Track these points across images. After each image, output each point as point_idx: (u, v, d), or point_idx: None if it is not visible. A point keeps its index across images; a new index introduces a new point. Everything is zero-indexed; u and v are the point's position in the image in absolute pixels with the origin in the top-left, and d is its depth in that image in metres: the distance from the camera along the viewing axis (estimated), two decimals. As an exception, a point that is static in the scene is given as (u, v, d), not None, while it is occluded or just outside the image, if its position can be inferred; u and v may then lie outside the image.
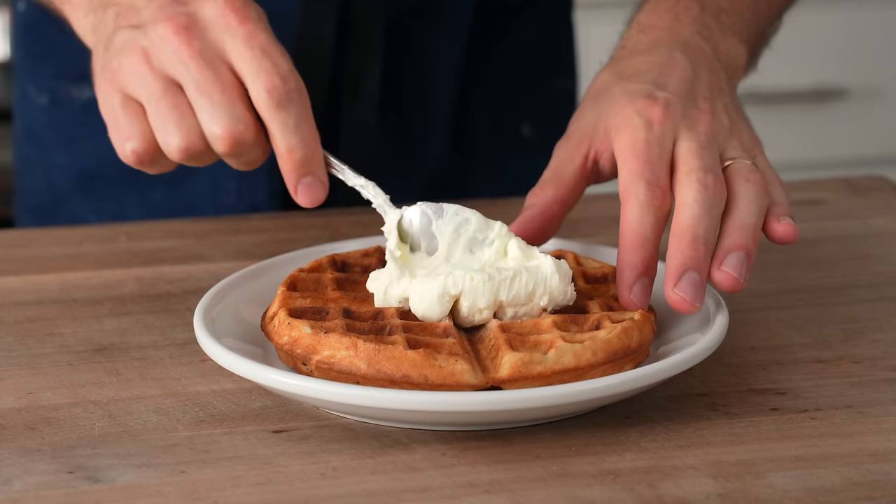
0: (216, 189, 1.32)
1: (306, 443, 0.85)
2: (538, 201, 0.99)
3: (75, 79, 1.32)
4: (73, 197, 1.34)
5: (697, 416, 0.88)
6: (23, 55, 1.35)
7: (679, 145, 0.95)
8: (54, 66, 1.33)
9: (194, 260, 1.14)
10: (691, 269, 0.89)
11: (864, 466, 0.83)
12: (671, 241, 0.91)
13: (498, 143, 1.40)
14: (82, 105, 1.33)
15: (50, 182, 1.35)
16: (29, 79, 1.35)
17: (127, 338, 1.00)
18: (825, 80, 2.58)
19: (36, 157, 1.36)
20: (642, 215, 0.92)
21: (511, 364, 0.86)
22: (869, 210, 1.26)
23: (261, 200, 1.31)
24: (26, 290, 1.09)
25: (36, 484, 0.81)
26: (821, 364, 0.96)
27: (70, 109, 1.33)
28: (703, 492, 0.80)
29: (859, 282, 1.10)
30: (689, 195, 0.92)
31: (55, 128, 1.34)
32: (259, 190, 1.31)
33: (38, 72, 1.34)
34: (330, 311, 0.92)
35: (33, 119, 1.35)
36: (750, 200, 0.93)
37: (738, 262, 0.91)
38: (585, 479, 0.81)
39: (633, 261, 0.91)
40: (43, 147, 1.35)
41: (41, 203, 1.36)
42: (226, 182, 1.32)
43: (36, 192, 1.36)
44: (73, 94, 1.32)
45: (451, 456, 0.84)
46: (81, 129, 1.33)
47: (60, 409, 0.90)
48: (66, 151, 1.34)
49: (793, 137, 2.59)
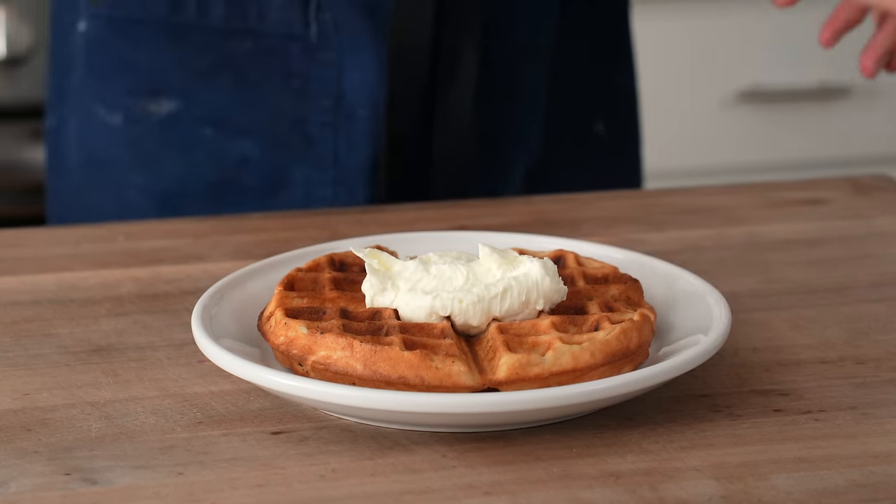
0: (311, 197, 1.28)
1: (305, 444, 0.85)
2: None
3: (152, 93, 1.28)
4: (152, 218, 1.28)
5: (700, 418, 0.88)
6: (86, 75, 1.30)
7: None
8: (129, 82, 1.29)
9: (192, 260, 1.14)
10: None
11: (868, 468, 0.82)
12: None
13: (576, 140, 1.37)
14: (160, 121, 1.29)
15: (124, 204, 1.31)
16: (97, 99, 1.30)
17: (124, 338, 1.00)
18: (829, 79, 2.58)
19: (106, 180, 1.31)
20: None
21: (508, 365, 0.85)
22: (873, 209, 1.26)
23: (359, 206, 1.27)
24: (23, 290, 1.08)
25: (32, 486, 0.81)
26: (824, 365, 0.95)
27: (148, 125, 1.29)
28: (705, 493, 0.80)
29: (863, 282, 1.10)
30: None
31: (131, 147, 1.29)
32: (357, 195, 1.27)
33: (109, 90, 1.29)
34: (327, 311, 0.92)
35: (103, 142, 1.30)
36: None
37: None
38: (587, 481, 0.81)
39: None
40: (115, 169, 1.30)
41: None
42: (321, 189, 1.28)
43: (105, 215, 1.30)
44: (151, 110, 1.28)
45: (451, 457, 0.84)
46: (161, 147, 1.29)
47: (57, 410, 0.90)
48: (145, 171, 1.30)
49: (796, 136, 2.59)
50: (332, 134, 1.27)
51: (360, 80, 1.25)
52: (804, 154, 2.60)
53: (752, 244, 1.18)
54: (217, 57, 1.26)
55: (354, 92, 1.26)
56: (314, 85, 1.26)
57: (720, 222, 1.22)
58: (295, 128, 1.27)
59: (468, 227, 1.19)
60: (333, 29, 1.25)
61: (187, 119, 1.28)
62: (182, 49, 1.27)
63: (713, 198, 1.29)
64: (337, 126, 1.26)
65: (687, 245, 1.17)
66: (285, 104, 1.27)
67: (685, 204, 1.28)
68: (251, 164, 1.28)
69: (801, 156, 2.59)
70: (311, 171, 1.22)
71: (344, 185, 1.28)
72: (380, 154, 1.27)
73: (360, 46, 1.25)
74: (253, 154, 1.28)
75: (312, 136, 1.27)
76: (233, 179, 1.29)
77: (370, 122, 1.26)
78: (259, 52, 1.22)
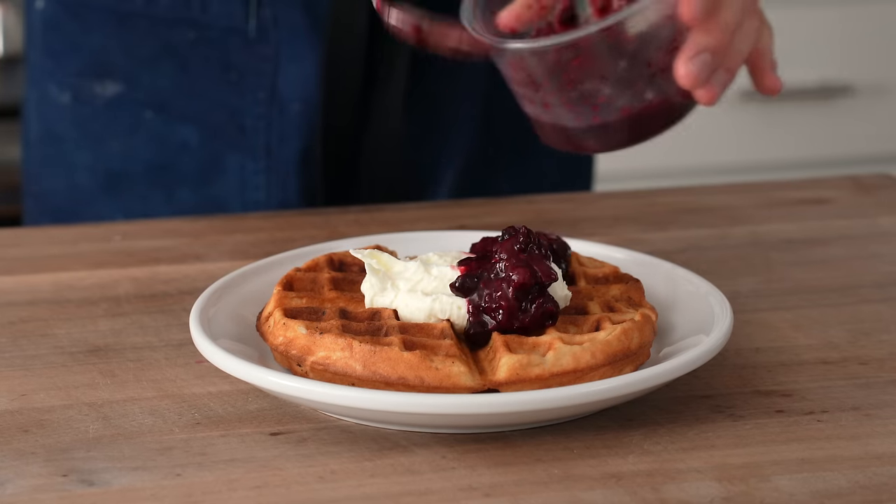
0: (244, 186, 1.31)
1: (304, 445, 0.85)
2: None
3: (99, 75, 1.32)
4: (97, 197, 1.33)
5: (701, 419, 0.88)
6: (42, 54, 1.35)
7: None
8: (78, 63, 1.33)
9: (190, 259, 1.14)
10: (710, 52, 0.93)
11: (872, 469, 0.82)
12: (700, 24, 0.93)
13: (523, 139, 1.38)
14: (106, 102, 1.32)
15: (72, 183, 1.34)
16: (49, 78, 1.34)
17: (122, 339, 1.00)
18: (831, 77, 2.57)
19: (57, 157, 1.35)
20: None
21: (509, 366, 0.85)
22: (876, 208, 1.26)
23: (291, 197, 1.30)
24: (19, 290, 1.08)
25: (29, 487, 0.81)
26: (827, 365, 0.95)
27: (94, 107, 1.33)
28: (707, 495, 0.79)
29: (866, 282, 1.10)
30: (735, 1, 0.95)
31: (79, 127, 1.33)
32: (289, 186, 1.30)
33: (60, 70, 1.33)
34: (326, 311, 0.91)
35: (54, 119, 1.34)
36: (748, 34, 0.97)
37: (703, 65, 0.94)
38: (587, 483, 0.81)
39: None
40: (65, 147, 1.34)
41: (62, 205, 1.35)
42: (254, 178, 1.31)
43: (56, 194, 1.35)
44: (97, 91, 1.32)
45: (451, 459, 0.83)
46: (106, 128, 1.32)
47: (54, 411, 0.89)
48: (91, 150, 1.33)
49: (799, 135, 2.59)
50: (265, 126, 1.30)
51: (295, 75, 1.28)
52: (807, 153, 2.60)
53: (754, 244, 1.18)
54: (161, 45, 1.29)
55: (289, 87, 1.28)
56: (250, 78, 1.29)
57: (722, 222, 1.22)
58: (231, 118, 1.30)
59: (468, 226, 1.19)
60: (272, 25, 1.28)
61: (130, 102, 1.31)
62: (128, 35, 1.30)
63: (715, 197, 1.29)
64: (270, 118, 1.29)
65: (689, 244, 1.17)
66: (223, 94, 1.30)
67: (687, 203, 1.28)
68: (190, 150, 1.31)
69: (803, 154, 2.59)
70: (245, 161, 1.24)
71: (276, 175, 1.31)
72: (313, 148, 1.30)
73: (298, 43, 1.28)
74: (191, 140, 1.31)
75: (247, 126, 1.30)
76: (172, 163, 1.31)
77: (303, 117, 1.29)
78: (201, 42, 1.24)
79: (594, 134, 0.99)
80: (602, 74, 0.95)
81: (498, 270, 0.88)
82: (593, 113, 0.97)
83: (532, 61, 0.96)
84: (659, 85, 0.97)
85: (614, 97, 0.96)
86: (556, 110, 0.98)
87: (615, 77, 0.96)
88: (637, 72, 0.96)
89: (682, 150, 2.56)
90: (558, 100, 0.97)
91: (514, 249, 0.89)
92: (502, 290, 0.88)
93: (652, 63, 0.96)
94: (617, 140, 0.99)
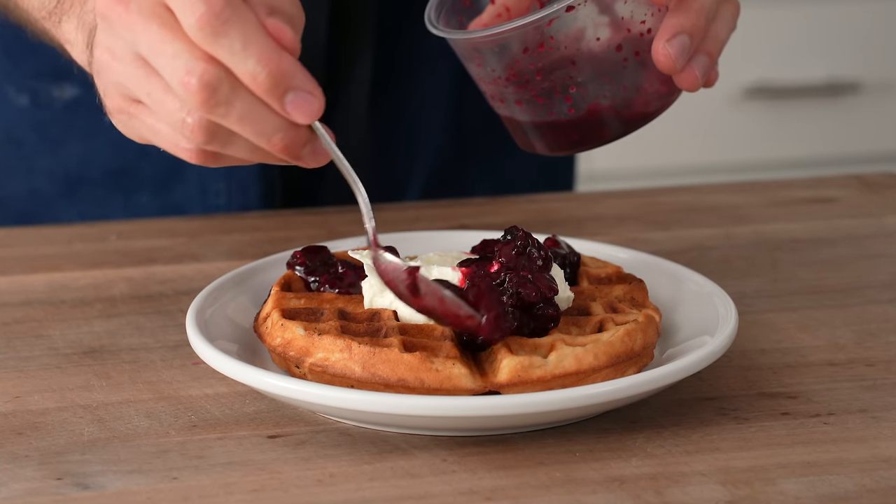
0: (205, 191, 1.31)
1: (302, 448, 0.85)
2: None
3: (57, 78, 1.31)
4: (57, 201, 1.33)
5: (706, 421, 0.88)
6: (0, 55, 1.34)
7: None
8: (35, 66, 1.32)
9: (186, 260, 1.14)
10: (688, 34, 0.93)
11: (879, 472, 0.82)
12: (676, 6, 0.93)
13: (493, 140, 1.39)
14: (65, 105, 1.31)
15: (32, 186, 1.34)
16: (7, 79, 1.33)
17: (117, 340, 0.99)
18: (838, 74, 2.57)
19: (16, 161, 1.34)
20: None
21: (510, 368, 0.85)
22: (882, 208, 1.26)
23: (252, 202, 1.30)
24: (12, 290, 1.08)
25: (23, 491, 0.80)
26: (833, 367, 0.95)
27: (52, 110, 1.32)
28: (711, 499, 0.79)
29: (872, 282, 1.09)
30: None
31: (37, 130, 1.33)
32: (250, 191, 1.30)
33: (18, 72, 1.33)
34: (325, 311, 0.91)
35: (12, 122, 1.34)
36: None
37: (682, 47, 0.93)
38: (590, 486, 0.80)
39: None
40: (24, 150, 1.33)
41: (23, 208, 1.35)
42: (215, 184, 1.31)
43: (17, 198, 1.35)
44: (55, 94, 1.31)
45: (451, 462, 0.83)
46: (65, 131, 1.32)
47: (48, 413, 0.89)
48: (50, 154, 1.33)
49: (804, 133, 2.59)
50: None
51: None
52: (812, 151, 2.60)
53: (759, 243, 1.17)
54: None
55: None
56: None
57: (727, 221, 1.22)
58: None
59: (469, 226, 1.19)
60: None
61: (89, 105, 1.30)
62: None
63: (719, 196, 1.29)
64: None
65: (693, 244, 1.17)
66: None
67: (691, 202, 1.28)
68: (149, 155, 1.30)
69: (808, 153, 2.59)
70: (205, 167, 1.23)
71: (236, 181, 1.30)
72: None
73: None
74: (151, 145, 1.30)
75: None
76: (132, 168, 1.30)
77: None
78: None
79: (572, 129, 0.97)
80: (571, 59, 0.94)
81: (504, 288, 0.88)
82: (567, 105, 0.96)
83: (498, 51, 0.95)
84: (634, 71, 0.96)
85: (587, 86, 0.95)
86: (529, 107, 0.97)
87: (584, 62, 0.94)
88: (607, 56, 0.95)
89: (686, 149, 2.56)
90: (529, 94, 0.96)
91: (513, 254, 0.89)
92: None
93: (622, 47, 0.95)
94: (597, 135, 0.98)
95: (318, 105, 0.83)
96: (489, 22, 1.02)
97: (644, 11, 0.94)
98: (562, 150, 1.00)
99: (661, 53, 0.93)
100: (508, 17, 1.02)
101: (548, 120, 0.97)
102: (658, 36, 0.93)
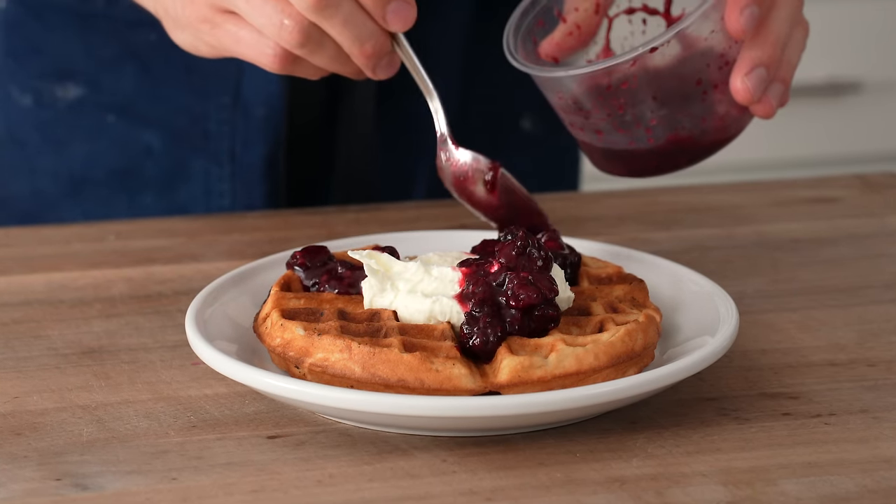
0: (209, 192, 1.31)
1: (302, 449, 0.84)
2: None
3: (60, 78, 1.31)
4: (61, 202, 1.33)
5: (707, 422, 0.87)
6: (3, 55, 1.34)
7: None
8: (39, 66, 1.32)
9: (186, 260, 1.14)
10: (765, 66, 0.96)
11: (880, 473, 0.82)
12: (752, 38, 0.96)
13: (497, 138, 1.39)
14: (68, 105, 1.32)
15: (36, 187, 1.34)
16: (11, 79, 1.33)
17: (116, 340, 0.99)
18: (839, 74, 2.57)
19: (20, 161, 1.34)
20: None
21: (510, 368, 0.84)
22: (884, 208, 1.26)
23: (256, 202, 1.31)
24: (11, 290, 1.08)
25: (22, 491, 0.80)
26: (834, 367, 0.95)
27: (56, 110, 1.32)
28: (712, 499, 0.79)
29: (874, 282, 1.09)
30: (782, 12, 0.98)
31: (40, 130, 1.33)
32: (254, 192, 1.30)
33: (22, 72, 1.33)
34: (324, 312, 0.91)
35: (16, 122, 1.34)
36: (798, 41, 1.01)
37: (759, 80, 0.96)
38: (591, 487, 0.80)
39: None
40: (28, 150, 1.34)
41: (27, 209, 1.35)
42: (219, 184, 1.31)
43: (21, 198, 1.35)
44: (58, 94, 1.31)
45: (451, 462, 0.83)
46: (68, 131, 1.32)
47: (47, 413, 0.89)
48: (53, 154, 1.33)
49: (806, 132, 2.59)
50: (229, 131, 1.29)
51: (259, 79, 1.27)
52: (813, 151, 2.60)
53: (760, 243, 1.17)
54: (123, 46, 1.29)
55: (253, 91, 1.28)
56: (213, 82, 1.28)
57: (728, 221, 1.22)
58: (195, 122, 1.29)
59: (469, 226, 1.19)
60: None
61: (92, 105, 1.31)
62: (90, 37, 1.29)
63: (720, 196, 1.29)
64: (234, 123, 1.29)
65: (693, 244, 1.17)
66: (186, 98, 1.29)
67: (692, 202, 1.28)
68: (154, 155, 1.30)
69: (810, 153, 2.59)
70: (210, 166, 1.24)
71: (241, 181, 1.30)
72: (278, 153, 1.29)
73: None
74: (155, 145, 1.31)
75: (210, 131, 1.29)
76: (136, 168, 1.31)
77: (268, 122, 1.28)
78: (163, 44, 1.24)
79: (651, 157, 0.99)
80: (653, 95, 0.96)
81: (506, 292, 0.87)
82: (647, 136, 0.97)
83: (579, 88, 0.97)
84: (711, 102, 0.97)
85: (667, 118, 0.97)
86: (609, 136, 0.98)
87: (666, 98, 0.96)
88: (687, 90, 0.97)
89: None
90: (610, 125, 0.98)
91: (513, 255, 0.89)
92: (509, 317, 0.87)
93: (701, 80, 0.97)
94: (674, 162, 1.01)
95: (413, 13, 0.96)
96: (561, 41, 1.04)
97: (722, 45, 0.96)
98: (639, 175, 1.02)
99: (741, 88, 0.96)
100: (579, 35, 1.03)
101: (627, 148, 0.99)
102: (736, 69, 0.96)
